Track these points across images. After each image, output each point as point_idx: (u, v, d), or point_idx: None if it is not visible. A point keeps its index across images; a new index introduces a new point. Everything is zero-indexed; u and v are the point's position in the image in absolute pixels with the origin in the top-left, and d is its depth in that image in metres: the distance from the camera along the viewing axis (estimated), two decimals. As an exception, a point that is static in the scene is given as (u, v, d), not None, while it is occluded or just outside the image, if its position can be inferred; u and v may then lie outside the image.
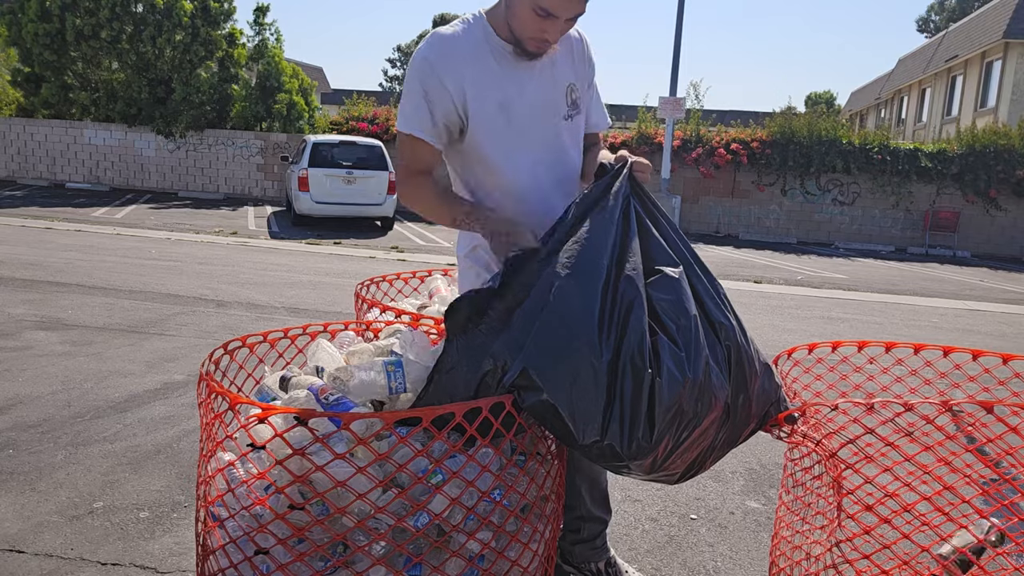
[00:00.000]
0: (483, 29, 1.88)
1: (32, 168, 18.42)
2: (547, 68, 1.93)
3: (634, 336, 1.53)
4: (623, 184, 1.75)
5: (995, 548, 1.74)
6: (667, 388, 1.50)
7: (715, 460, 1.71)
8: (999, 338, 7.07)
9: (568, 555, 2.28)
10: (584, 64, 2.03)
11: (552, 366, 1.50)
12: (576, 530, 2.24)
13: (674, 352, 1.54)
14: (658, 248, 1.70)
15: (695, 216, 17.77)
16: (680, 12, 16.08)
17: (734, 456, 3.57)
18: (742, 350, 1.66)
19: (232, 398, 1.49)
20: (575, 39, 2.00)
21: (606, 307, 1.56)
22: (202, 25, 17.73)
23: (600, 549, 2.28)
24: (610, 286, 1.59)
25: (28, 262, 7.71)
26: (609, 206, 1.70)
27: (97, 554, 2.42)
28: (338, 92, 33.90)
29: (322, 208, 12.94)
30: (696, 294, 1.67)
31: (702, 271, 1.73)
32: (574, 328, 1.52)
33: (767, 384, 1.73)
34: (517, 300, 1.61)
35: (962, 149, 16.93)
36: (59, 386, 3.99)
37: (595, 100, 2.12)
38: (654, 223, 1.75)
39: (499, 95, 1.88)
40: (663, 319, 1.58)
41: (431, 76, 1.83)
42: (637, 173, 1.80)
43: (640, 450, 1.51)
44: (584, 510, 2.22)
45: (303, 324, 2.21)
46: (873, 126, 30.69)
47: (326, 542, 1.52)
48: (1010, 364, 2.00)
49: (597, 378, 1.50)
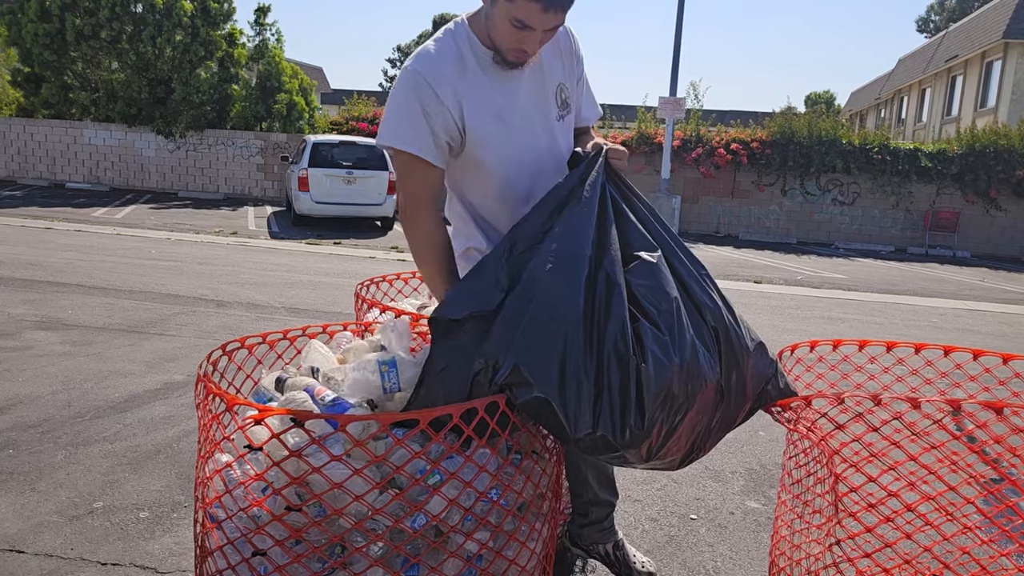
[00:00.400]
0: (467, 38, 1.84)
1: (32, 168, 18.43)
2: (535, 71, 1.92)
3: (615, 324, 1.52)
4: (599, 173, 1.73)
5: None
6: (654, 373, 1.50)
7: (714, 443, 1.70)
8: (999, 338, 7.07)
9: (577, 538, 2.35)
10: (572, 60, 2.01)
11: (542, 361, 1.50)
12: (584, 513, 2.30)
13: (657, 336, 1.53)
14: (636, 234, 1.69)
15: (695, 216, 17.77)
16: (680, 12, 16.08)
17: (734, 456, 3.57)
18: (730, 329, 1.65)
19: (230, 400, 1.48)
20: (561, 34, 1.97)
21: (589, 298, 1.56)
22: (202, 25, 17.73)
23: (608, 531, 2.33)
24: (592, 277, 1.59)
25: (28, 262, 7.70)
26: (586, 197, 1.68)
27: (97, 554, 2.41)
28: (338, 92, 33.90)
29: (322, 208, 12.94)
30: (678, 277, 1.66)
31: (684, 254, 1.72)
32: (561, 322, 1.52)
33: (760, 362, 1.71)
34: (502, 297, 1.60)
35: (962, 149, 16.92)
36: (59, 386, 3.98)
37: (586, 93, 2.10)
38: (632, 209, 1.74)
39: (492, 105, 1.86)
40: (643, 304, 1.57)
41: (426, 91, 1.77)
42: (613, 160, 1.78)
43: (634, 438, 1.51)
44: (591, 495, 2.28)
45: (302, 325, 2.21)
46: (873, 126, 30.69)
47: (324, 543, 1.52)
48: (1010, 364, 2.00)
49: (586, 370, 1.50)
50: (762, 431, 3.88)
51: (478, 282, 1.64)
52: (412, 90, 1.78)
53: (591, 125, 2.17)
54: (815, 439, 1.65)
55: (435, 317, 1.63)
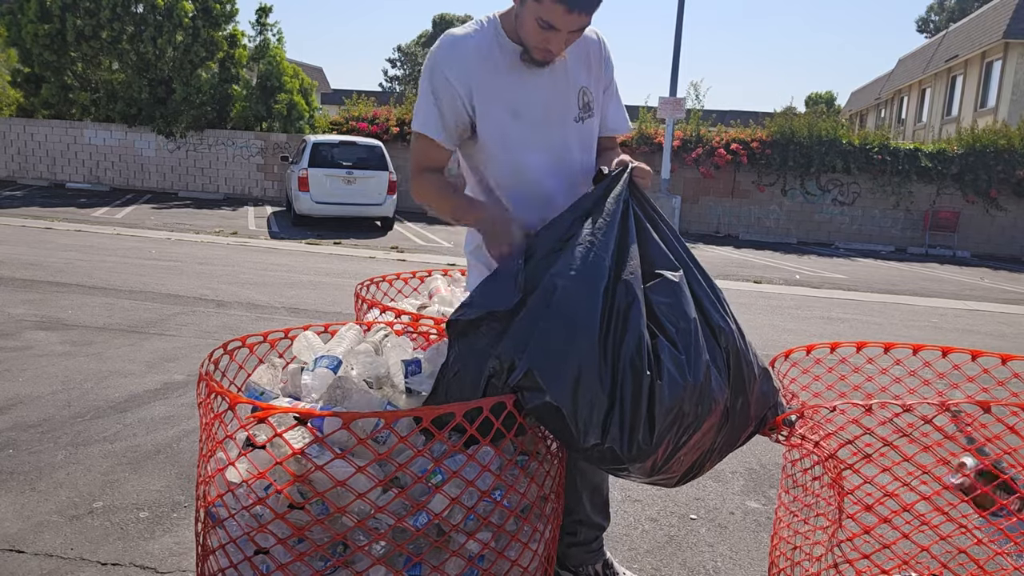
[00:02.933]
0: (496, 31, 1.90)
1: (32, 168, 18.43)
2: (559, 70, 1.94)
3: (632, 338, 1.53)
4: (623, 189, 1.75)
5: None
6: (668, 391, 1.50)
7: (714, 463, 1.72)
8: (999, 338, 7.07)
9: (563, 558, 2.25)
10: (600, 66, 2.03)
11: (556, 368, 1.50)
12: (573, 533, 2.22)
13: (674, 355, 1.54)
14: (658, 252, 1.70)
15: (695, 216, 17.77)
16: (680, 12, 16.08)
17: (734, 456, 3.56)
18: (741, 354, 1.66)
19: (232, 398, 1.49)
20: (592, 40, 2.00)
21: (608, 308, 1.57)
22: (203, 26, 17.73)
23: (596, 552, 2.27)
24: (610, 289, 1.59)
25: (28, 262, 7.71)
26: (609, 209, 1.70)
27: (97, 554, 2.42)
28: (338, 92, 33.89)
29: (322, 208, 12.94)
30: (696, 298, 1.67)
31: (702, 275, 1.73)
32: (578, 330, 1.52)
33: (765, 387, 1.73)
34: (520, 302, 1.61)
35: (962, 149, 16.92)
36: (59, 386, 3.99)
37: (613, 102, 2.12)
38: (654, 227, 1.76)
39: (507, 96, 1.90)
40: (663, 322, 1.58)
41: (438, 75, 1.87)
42: (637, 179, 1.80)
43: (640, 453, 1.51)
44: (583, 514, 2.20)
45: (303, 324, 2.21)
46: (873, 126, 30.69)
47: (326, 542, 1.52)
48: (1009, 364, 2.00)
49: (601, 381, 1.50)
50: (760, 434, 3.88)
51: (496, 284, 1.66)
52: (427, 74, 1.89)
53: (616, 136, 2.17)
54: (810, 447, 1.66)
55: (452, 319, 1.64)
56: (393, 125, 17.91)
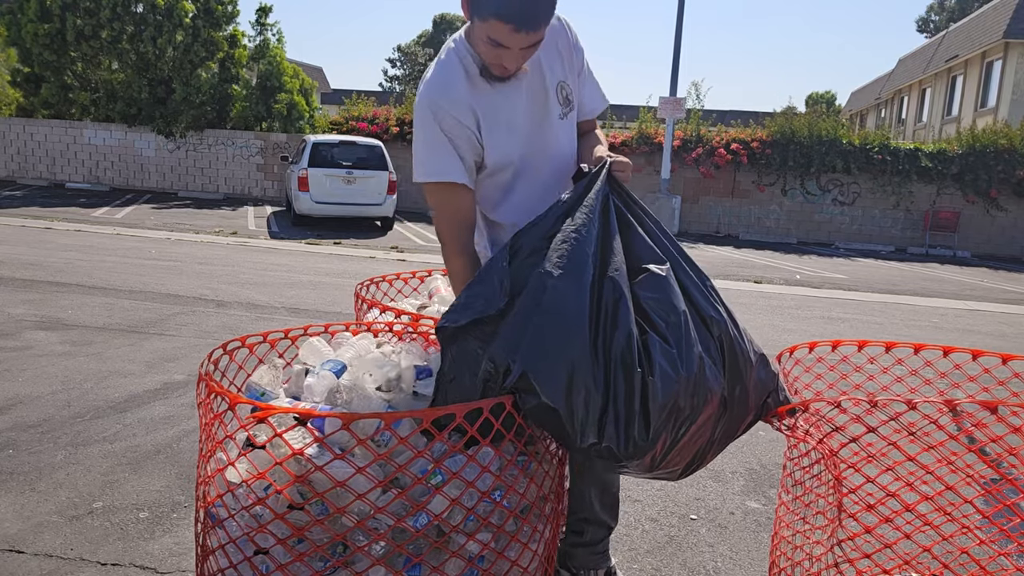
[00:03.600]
0: (468, 53, 1.87)
1: (32, 168, 18.42)
2: (535, 73, 1.92)
3: (622, 336, 1.52)
4: (602, 185, 1.74)
5: None
6: (661, 386, 1.50)
7: (715, 454, 1.71)
8: (999, 338, 7.07)
9: (567, 558, 2.19)
10: (571, 54, 2.00)
11: (549, 369, 1.50)
12: (579, 532, 2.16)
13: (665, 350, 1.53)
14: (643, 245, 1.70)
15: (695, 216, 17.77)
16: (680, 12, 16.09)
17: (734, 456, 3.57)
18: (735, 342, 1.66)
19: (232, 398, 1.49)
20: (558, 29, 1.95)
21: (595, 305, 1.56)
22: (203, 26, 17.73)
23: (602, 556, 2.21)
24: (597, 283, 1.59)
25: (28, 262, 7.70)
26: (590, 205, 1.69)
27: (97, 554, 2.41)
28: (338, 92, 33.88)
29: (322, 208, 12.93)
30: (684, 290, 1.66)
31: (689, 266, 1.72)
32: (569, 330, 1.52)
33: (763, 374, 1.72)
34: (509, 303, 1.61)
35: (962, 149, 16.92)
36: (59, 386, 3.99)
37: (588, 83, 2.08)
38: (638, 221, 1.75)
39: (502, 115, 1.89)
40: (652, 317, 1.58)
41: (447, 120, 1.83)
42: (617, 172, 1.79)
43: (637, 450, 1.51)
44: (591, 513, 2.14)
45: (303, 324, 2.21)
46: (873, 126, 30.68)
47: (326, 542, 1.52)
48: (1010, 364, 2.00)
49: (595, 380, 1.50)
50: (762, 431, 3.88)
51: (481, 287, 1.65)
52: (433, 121, 1.84)
53: (595, 118, 2.15)
54: (813, 442, 1.65)
55: (441, 326, 1.64)
56: (393, 125, 17.90)
